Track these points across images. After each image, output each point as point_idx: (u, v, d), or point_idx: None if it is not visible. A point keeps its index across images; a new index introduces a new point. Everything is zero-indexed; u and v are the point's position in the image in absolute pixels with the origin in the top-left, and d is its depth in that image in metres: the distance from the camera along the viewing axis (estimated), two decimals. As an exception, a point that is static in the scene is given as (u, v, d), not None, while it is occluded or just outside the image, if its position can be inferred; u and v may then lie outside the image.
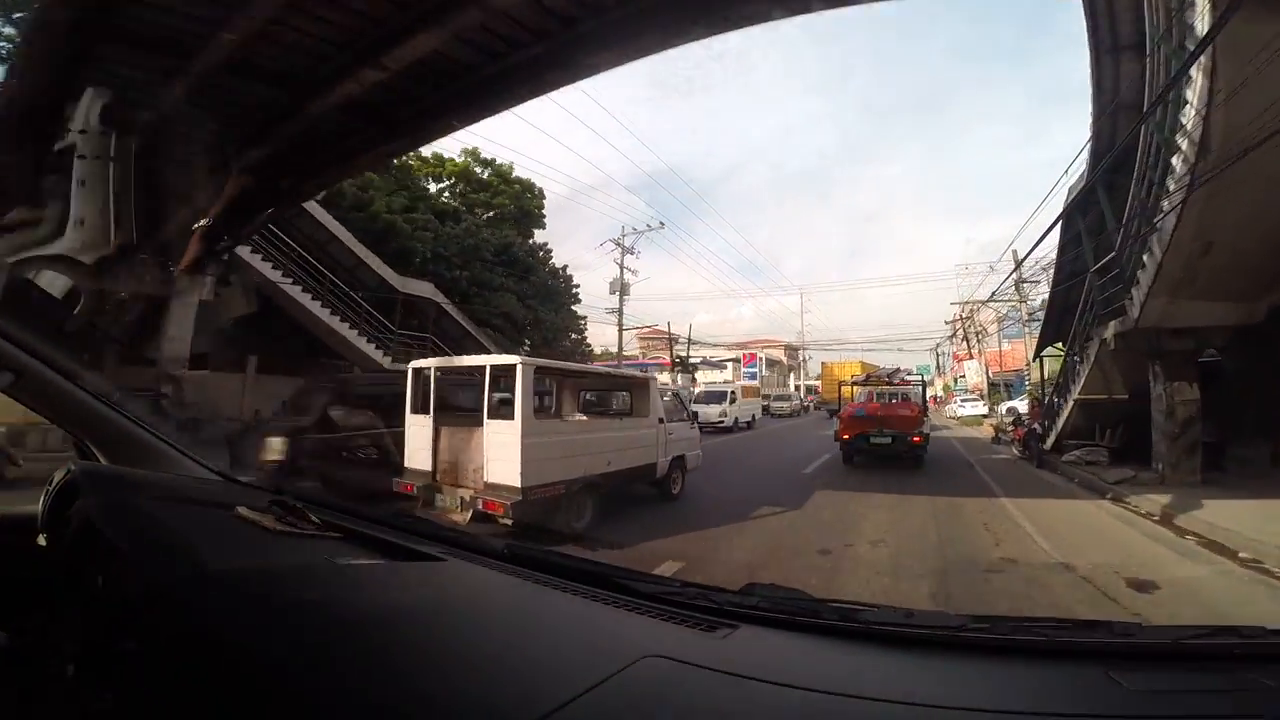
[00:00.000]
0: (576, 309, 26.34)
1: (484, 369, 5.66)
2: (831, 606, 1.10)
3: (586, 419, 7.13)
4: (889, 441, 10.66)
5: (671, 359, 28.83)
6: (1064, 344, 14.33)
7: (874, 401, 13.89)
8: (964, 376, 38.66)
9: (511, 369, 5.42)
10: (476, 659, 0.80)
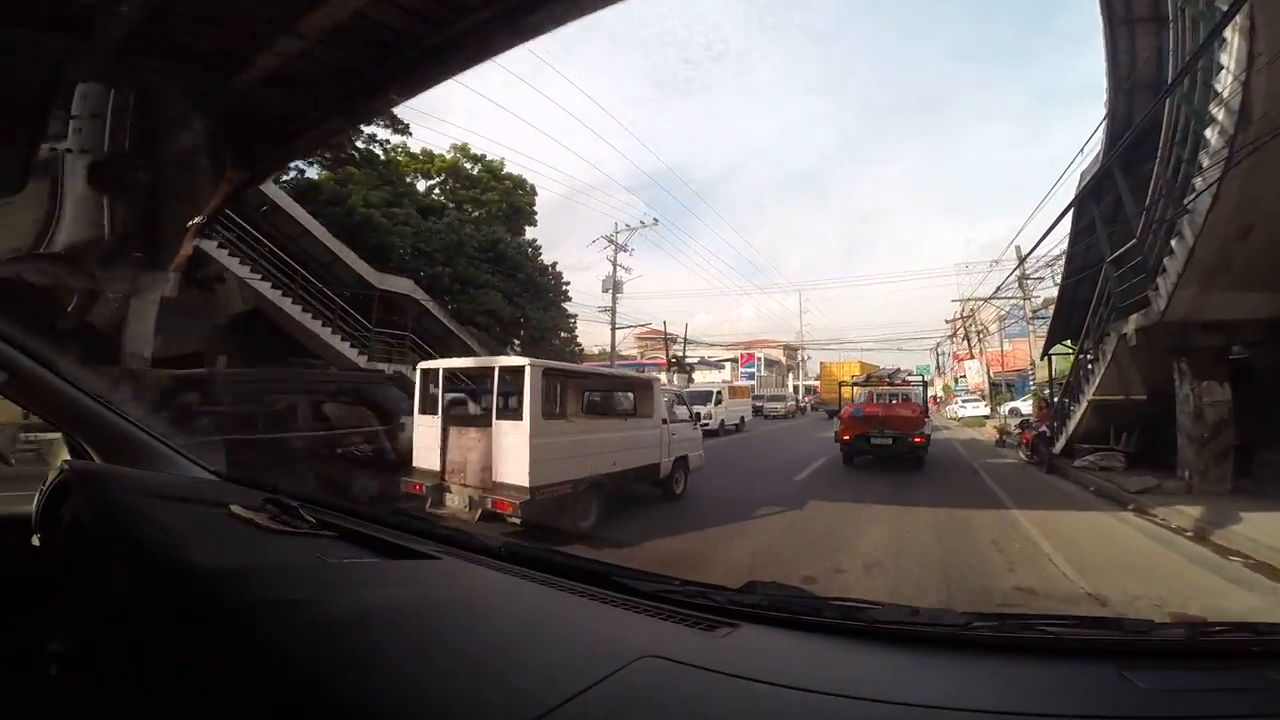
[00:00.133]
0: (567, 307, 25.58)
1: (493, 370, 5.80)
2: (834, 604, 1.08)
3: (592, 420, 7.19)
4: (890, 442, 10.31)
5: (668, 359, 28.10)
6: (1074, 341, 13.64)
7: (874, 402, 13.59)
8: (965, 376, 37.96)
9: (520, 370, 5.50)
10: (469, 658, 0.78)
